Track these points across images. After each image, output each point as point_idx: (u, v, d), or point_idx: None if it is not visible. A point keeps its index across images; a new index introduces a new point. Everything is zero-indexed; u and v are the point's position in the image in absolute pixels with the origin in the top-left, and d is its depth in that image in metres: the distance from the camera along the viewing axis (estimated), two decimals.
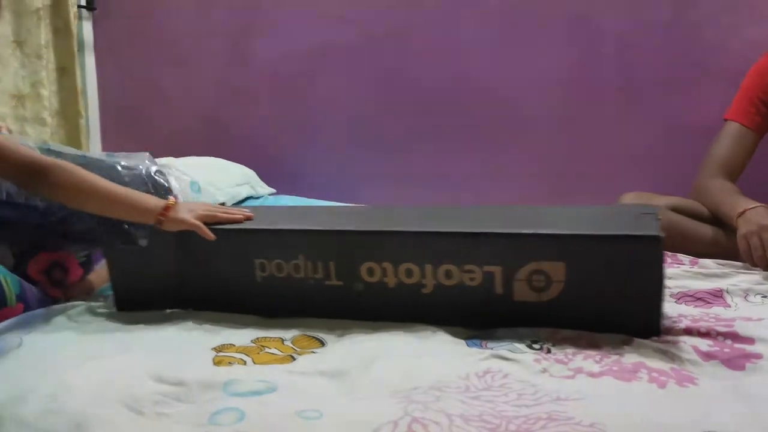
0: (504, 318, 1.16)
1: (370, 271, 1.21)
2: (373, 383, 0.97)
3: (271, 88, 2.55)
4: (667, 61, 2.10)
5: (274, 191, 2.46)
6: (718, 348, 1.06)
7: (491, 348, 1.09)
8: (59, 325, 1.24)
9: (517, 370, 1.01)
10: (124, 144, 2.72)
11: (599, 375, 0.99)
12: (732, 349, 1.05)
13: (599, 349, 1.06)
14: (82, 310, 1.31)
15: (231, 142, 2.58)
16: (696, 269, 1.47)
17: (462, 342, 1.12)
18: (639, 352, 1.05)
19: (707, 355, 1.04)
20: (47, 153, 1.36)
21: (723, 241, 1.59)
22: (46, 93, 2.44)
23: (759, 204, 1.51)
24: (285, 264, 1.25)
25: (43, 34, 2.44)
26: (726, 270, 1.45)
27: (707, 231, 1.63)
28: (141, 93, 2.74)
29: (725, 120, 1.75)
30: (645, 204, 1.47)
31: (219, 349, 1.11)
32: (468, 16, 2.28)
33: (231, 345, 1.13)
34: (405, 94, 2.39)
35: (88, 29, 2.70)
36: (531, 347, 1.09)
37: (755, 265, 1.45)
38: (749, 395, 0.91)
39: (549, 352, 1.07)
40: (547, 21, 2.20)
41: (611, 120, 2.20)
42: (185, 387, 0.96)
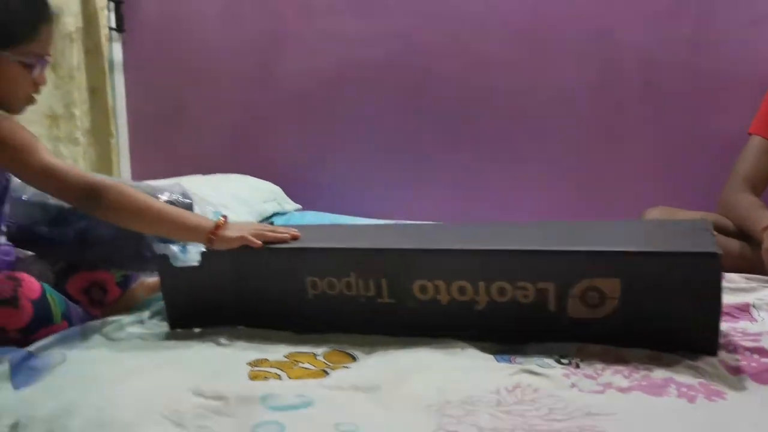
0: (556, 335, 1.16)
1: (422, 289, 1.22)
2: (406, 397, 0.99)
3: (297, 106, 2.60)
4: (690, 75, 2.12)
5: (300, 207, 2.50)
6: (745, 362, 1.07)
7: (520, 363, 1.11)
8: (99, 342, 1.27)
9: (547, 384, 1.03)
10: (152, 162, 2.78)
11: (628, 390, 1.00)
12: (759, 364, 1.06)
13: (627, 364, 1.08)
14: (119, 326, 1.34)
15: (257, 159, 2.62)
16: (722, 284, 1.47)
17: (491, 357, 1.14)
18: (667, 367, 1.06)
19: (735, 370, 1.05)
20: None
21: (749, 256, 1.59)
22: (78, 113, 2.51)
23: None
24: (337, 282, 1.26)
25: (76, 55, 2.51)
26: (752, 284, 1.45)
27: (733, 245, 1.63)
28: (169, 111, 2.80)
29: (749, 134, 1.75)
30: (701, 219, 1.45)
31: (254, 364, 1.14)
32: (491, 31, 2.30)
33: (265, 360, 1.16)
34: (429, 110, 2.42)
35: (117, 50, 2.76)
36: (560, 362, 1.10)
37: None
38: None
39: (578, 367, 1.09)
40: (571, 36, 2.22)
41: (634, 134, 2.21)
42: (224, 401, 0.98)
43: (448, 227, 1.43)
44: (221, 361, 1.16)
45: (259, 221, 2.12)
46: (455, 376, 1.05)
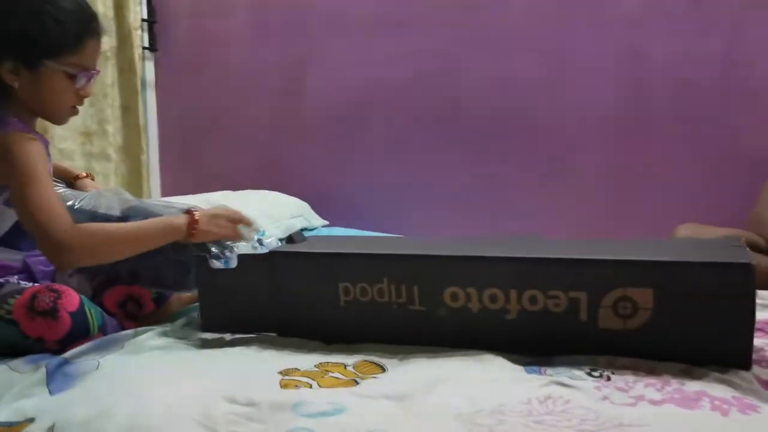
0: (587, 345, 1.15)
1: (453, 296, 1.22)
2: (437, 407, 0.99)
3: (325, 123, 2.63)
4: (720, 94, 2.11)
5: (327, 223, 2.52)
6: None
7: (550, 375, 1.10)
8: (132, 349, 1.29)
9: (578, 396, 1.02)
10: (182, 178, 2.82)
11: (661, 402, 0.99)
12: None
13: (659, 377, 1.07)
14: (152, 334, 1.36)
15: (285, 175, 2.65)
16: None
17: (521, 368, 1.14)
18: (700, 380, 1.05)
19: None
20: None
21: None
22: (111, 130, 2.56)
23: None
24: (369, 288, 1.27)
25: (110, 74, 2.57)
26: None
27: (766, 262, 1.62)
28: (198, 129, 2.85)
29: None
30: (733, 235, 1.44)
31: (285, 373, 1.15)
32: (519, 49, 2.32)
33: (296, 369, 1.17)
34: (457, 129, 2.43)
35: (150, 69, 2.82)
36: (590, 375, 1.10)
37: None
38: None
39: (609, 379, 1.08)
40: (600, 54, 2.23)
41: (663, 152, 2.20)
42: (256, 407, 0.99)
43: (478, 239, 1.43)
44: (252, 370, 1.17)
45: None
46: (485, 386, 1.05)
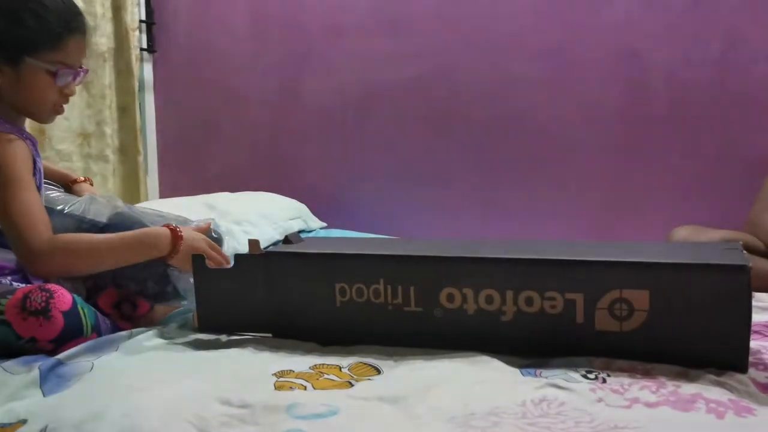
0: (584, 347, 1.15)
1: (450, 297, 1.22)
2: (431, 409, 0.99)
3: (323, 125, 2.63)
4: (718, 96, 2.11)
5: (325, 225, 2.51)
6: None
7: (546, 377, 1.10)
8: (126, 351, 1.29)
9: (573, 398, 1.02)
10: (180, 179, 2.82)
11: (656, 405, 0.99)
12: None
13: (655, 379, 1.07)
14: (146, 336, 1.36)
15: (283, 177, 2.65)
16: (752, 302, 1.46)
17: (516, 370, 1.14)
18: (696, 382, 1.05)
19: (765, 387, 1.04)
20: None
21: None
22: (109, 131, 2.56)
23: None
24: (365, 288, 1.27)
25: (108, 75, 2.57)
26: None
27: (763, 265, 1.62)
28: (197, 130, 2.85)
29: None
30: (730, 238, 1.44)
31: (279, 375, 1.15)
32: (518, 51, 2.32)
33: (290, 371, 1.17)
34: (455, 130, 2.44)
35: (148, 70, 2.82)
36: (586, 377, 1.09)
37: None
38: None
39: (604, 381, 1.08)
40: (598, 55, 2.23)
41: (661, 153, 2.21)
42: (250, 409, 0.99)
43: (476, 241, 1.43)
44: (247, 372, 1.17)
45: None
46: (480, 388, 1.05)
